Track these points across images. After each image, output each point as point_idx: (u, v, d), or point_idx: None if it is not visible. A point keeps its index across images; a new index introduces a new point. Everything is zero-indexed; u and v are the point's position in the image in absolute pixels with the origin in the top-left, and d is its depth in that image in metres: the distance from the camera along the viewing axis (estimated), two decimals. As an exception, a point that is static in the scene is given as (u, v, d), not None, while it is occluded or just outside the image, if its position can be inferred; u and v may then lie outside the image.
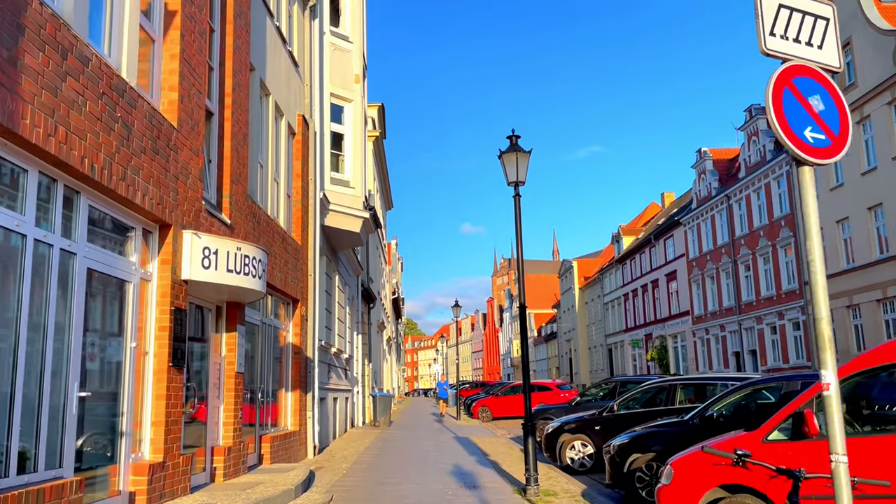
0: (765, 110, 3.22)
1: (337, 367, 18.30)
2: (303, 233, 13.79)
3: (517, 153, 9.76)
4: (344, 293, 20.02)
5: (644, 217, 65.56)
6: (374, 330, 30.01)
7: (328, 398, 16.43)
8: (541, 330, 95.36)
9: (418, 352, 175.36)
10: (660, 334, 47.78)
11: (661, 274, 47.63)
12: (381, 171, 37.19)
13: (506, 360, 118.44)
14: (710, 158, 40.46)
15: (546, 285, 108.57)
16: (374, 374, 30.29)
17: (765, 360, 34.16)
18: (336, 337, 18.10)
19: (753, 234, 35.10)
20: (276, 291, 11.92)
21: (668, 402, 11.43)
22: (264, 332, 11.53)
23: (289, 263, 12.49)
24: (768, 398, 8.76)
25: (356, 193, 16.43)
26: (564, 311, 76.12)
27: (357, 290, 23.71)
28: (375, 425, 23.37)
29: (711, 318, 40.01)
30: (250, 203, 10.27)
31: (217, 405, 9.20)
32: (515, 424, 26.25)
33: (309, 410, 13.65)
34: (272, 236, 11.42)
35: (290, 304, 13.19)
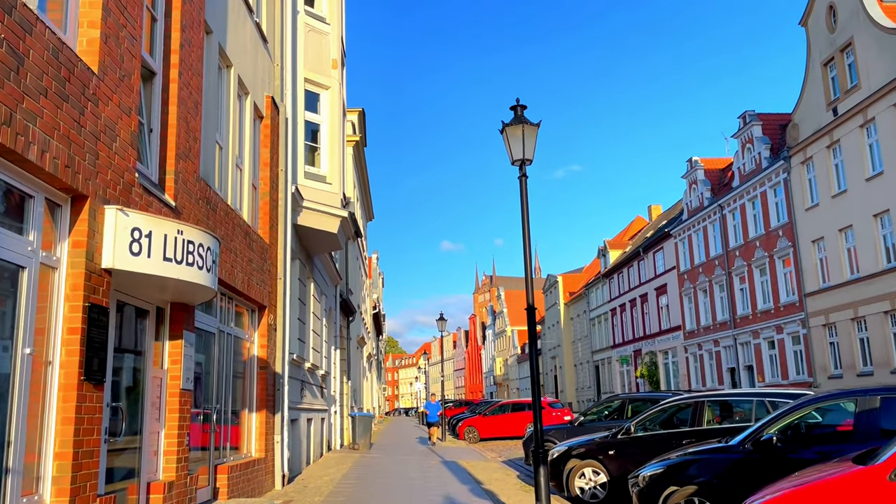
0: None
1: (311, 385, 16.52)
2: (271, 230, 12.08)
3: (523, 126, 8.18)
4: (320, 303, 18.27)
5: (630, 231, 64.37)
6: (353, 345, 28.21)
7: (301, 419, 14.64)
8: (524, 347, 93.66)
9: (399, 370, 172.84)
10: (649, 350, 46.33)
11: (650, 288, 46.27)
12: (361, 180, 35.55)
13: (488, 378, 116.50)
14: (701, 168, 39.27)
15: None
16: (354, 393, 28.44)
17: (762, 376, 32.75)
18: (311, 351, 16.34)
19: (749, 244, 33.82)
20: (238, 294, 10.19)
21: (693, 422, 9.81)
22: (223, 343, 9.79)
23: (253, 263, 10.77)
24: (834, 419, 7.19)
25: (333, 190, 14.76)
26: (549, 327, 74.59)
27: (335, 302, 21.96)
28: (355, 448, 21.53)
29: (704, 332, 38.62)
30: (203, 186, 8.58)
31: (156, 430, 7.44)
32: (506, 446, 24.51)
33: (277, 434, 11.87)
34: (232, 229, 9.72)
35: (254, 310, 11.45)
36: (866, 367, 25.63)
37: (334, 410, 21.38)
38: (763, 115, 33.56)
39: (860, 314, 25.73)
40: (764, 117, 33.48)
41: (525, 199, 8.18)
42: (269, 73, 12.52)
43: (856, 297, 25.95)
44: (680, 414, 10.60)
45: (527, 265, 8.02)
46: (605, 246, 58.22)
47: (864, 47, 25.11)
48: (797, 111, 29.56)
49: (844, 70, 26.42)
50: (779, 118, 33.63)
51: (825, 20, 27.42)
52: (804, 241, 29.22)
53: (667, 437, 9.92)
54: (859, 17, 25.27)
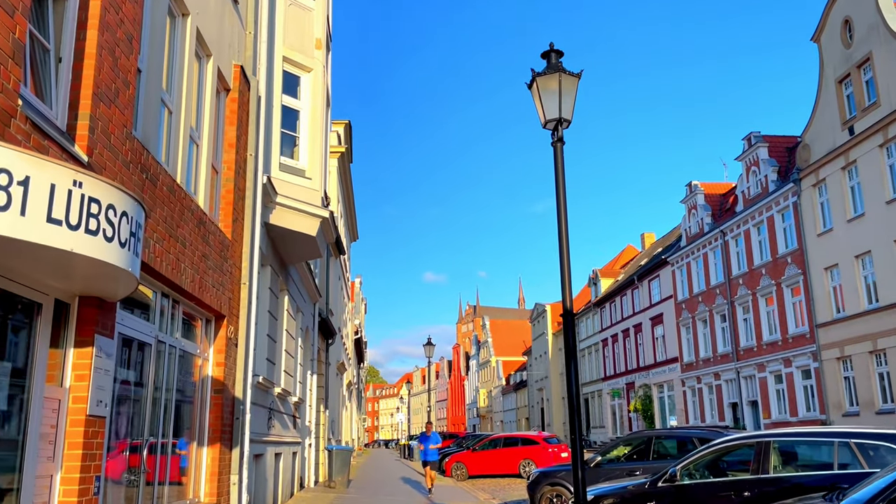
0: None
1: (282, 414, 14.31)
2: (235, 224, 10.01)
3: (560, 76, 6.23)
4: (295, 321, 16.12)
5: (621, 259, 62.72)
6: (332, 371, 25.94)
7: (267, 454, 12.42)
8: (509, 378, 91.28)
9: (380, 400, 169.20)
10: (643, 383, 44.30)
11: (644, 318, 44.40)
12: (346, 196, 33.57)
13: (471, 410, 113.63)
14: (701, 192, 37.70)
15: (514, 332, 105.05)
16: (332, 424, 26.10)
17: (768, 412, 30.78)
18: (282, 374, 14.16)
19: (753, 272, 32.08)
20: (186, 297, 8.09)
21: (757, 468, 7.76)
22: (164, 357, 7.66)
23: (209, 260, 8.69)
24: None
25: (313, 186, 12.74)
26: (536, 357, 72.42)
27: (313, 321, 19.79)
28: (331, 486, 19.19)
29: (704, 365, 36.69)
30: (138, 148, 6.54)
31: (48, 472, 5.29)
32: (498, 485, 22.25)
33: (234, 473, 9.67)
34: (180, 212, 7.65)
35: (210, 321, 9.34)
36: (887, 405, 23.74)
37: (309, 443, 19.09)
38: (769, 136, 32.08)
39: (880, 346, 23.91)
40: (770, 139, 32.00)
41: (561, 172, 6.22)
42: (238, 40, 10.55)
43: (874, 328, 24.16)
44: (730, 456, 8.58)
45: (562, 256, 6.02)
46: (596, 274, 56.47)
47: (884, 62, 23.65)
48: (808, 131, 28.04)
49: (862, 87, 24.95)
50: (785, 140, 32.17)
51: (840, 35, 26.02)
52: (816, 268, 27.50)
53: (722, 487, 7.88)
54: (879, 30, 23.86)
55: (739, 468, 8.46)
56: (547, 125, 6.27)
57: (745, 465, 8.27)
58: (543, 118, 6.27)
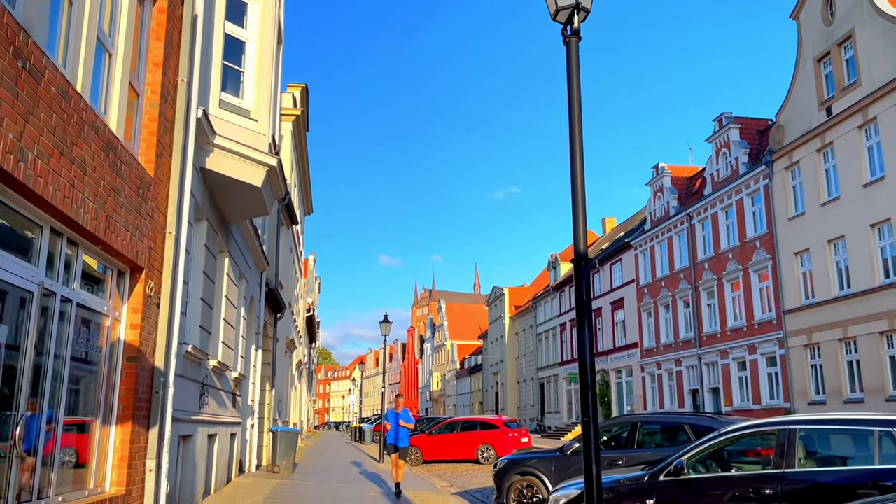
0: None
1: (219, 391, 12.66)
2: (160, 161, 8.31)
3: (576, -49, 4.74)
4: (238, 287, 14.43)
5: (581, 244, 61.89)
6: (281, 348, 24.25)
7: (198, 435, 10.78)
8: (464, 362, 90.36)
9: (331, 382, 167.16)
10: (601, 368, 43.54)
11: (605, 302, 43.58)
12: (301, 164, 31.71)
13: (424, 394, 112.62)
14: (667, 175, 36.81)
15: (470, 316, 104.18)
16: (279, 404, 24.44)
17: (730, 399, 30.13)
18: (219, 346, 12.48)
19: (720, 256, 31.31)
20: (87, 237, 6.42)
21: (780, 461, 6.49)
22: (51, 312, 5.99)
23: (121, 196, 7.01)
24: None
25: (259, 130, 11.05)
26: (492, 341, 71.47)
27: (259, 291, 18.08)
28: (274, 471, 17.60)
29: (664, 350, 35.98)
30: (8, 23, 4.85)
31: None
32: (455, 471, 20.94)
33: (151, 457, 8.04)
34: (77, 126, 5.97)
35: (123, 273, 7.66)
36: (855, 393, 23.12)
37: (251, 424, 17.44)
38: (741, 118, 31.24)
39: (850, 334, 23.25)
40: (741, 121, 31.16)
41: (576, 75, 4.76)
42: (171, -58, 8.80)
43: (845, 315, 23.48)
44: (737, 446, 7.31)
45: (576, 184, 4.57)
46: (556, 258, 55.54)
47: (867, 40, 22.81)
48: (783, 112, 27.19)
49: (842, 66, 24.11)
50: (757, 123, 31.38)
51: (821, 12, 25.12)
52: (785, 253, 26.76)
53: (739, 483, 6.60)
54: (862, 7, 22.98)
55: (752, 461, 7.20)
56: (558, 15, 4.80)
57: (761, 456, 7.02)
58: (555, 5, 4.80)
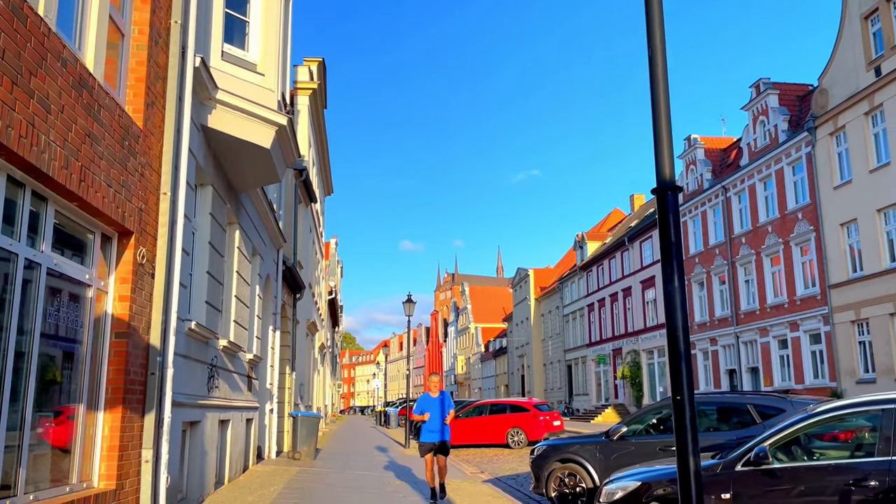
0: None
1: (231, 373, 11.74)
2: (149, 111, 7.30)
3: None
4: (251, 264, 13.50)
5: (608, 222, 60.51)
6: (301, 330, 23.39)
7: (206, 421, 9.86)
8: (488, 345, 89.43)
9: (356, 367, 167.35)
10: (632, 349, 42.31)
11: (634, 281, 42.25)
12: (319, 141, 30.73)
13: (449, 377, 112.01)
14: (701, 146, 35.30)
15: (494, 299, 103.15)
16: (301, 388, 23.63)
17: (770, 379, 28.80)
18: (231, 325, 11.56)
19: (758, 230, 29.86)
20: (57, 191, 5.44)
21: (888, 449, 5.38)
22: (13, 278, 5.03)
23: (99, 145, 6.02)
24: None
25: (267, 85, 10.01)
26: (517, 324, 70.38)
27: (276, 269, 17.15)
28: (295, 458, 16.76)
29: (699, 329, 34.65)
30: None
31: None
32: (485, 456, 19.97)
33: (147, 447, 7.10)
34: (37, 55, 4.97)
35: (109, 238, 6.69)
36: (870, 373, 21.77)
37: (270, 408, 16.59)
38: (779, 84, 29.65)
39: (862, 316, 21.83)
40: (780, 86, 29.57)
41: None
42: None
43: (858, 296, 22.07)
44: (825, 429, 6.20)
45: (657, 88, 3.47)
46: (583, 237, 54.20)
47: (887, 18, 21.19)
48: (826, 75, 25.61)
49: (891, 22, 22.49)
50: (796, 88, 29.78)
51: (869, -35, 23.48)
52: (830, 224, 25.29)
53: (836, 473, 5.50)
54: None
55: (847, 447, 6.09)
56: None
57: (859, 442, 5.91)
58: None
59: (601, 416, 40.85)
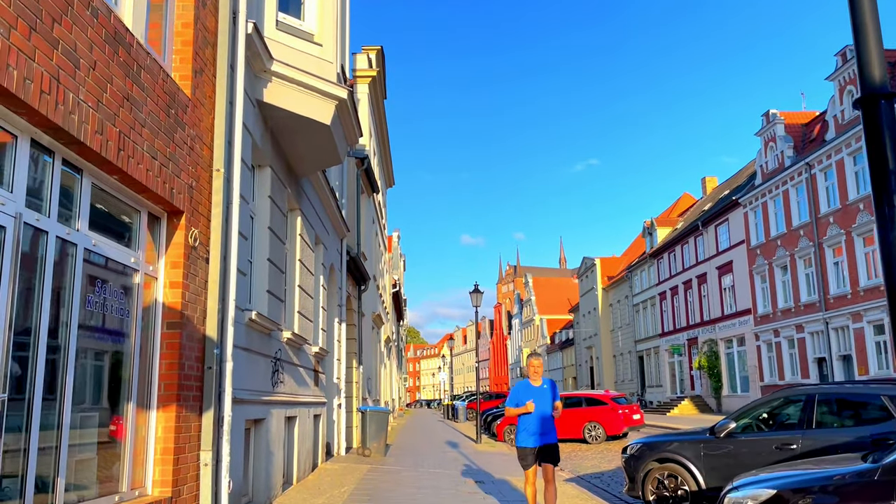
0: None
1: (297, 367, 11.11)
2: (199, 78, 6.63)
3: None
4: (314, 252, 12.87)
5: (678, 207, 58.33)
6: (367, 323, 22.82)
7: (272, 419, 9.22)
8: (554, 337, 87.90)
9: (421, 360, 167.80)
10: (708, 338, 40.45)
11: (710, 267, 40.34)
12: (379, 131, 30.14)
13: (514, 370, 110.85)
14: (780, 122, 33.25)
15: (558, 290, 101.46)
16: (368, 382, 23.08)
17: (865, 367, 26.82)
18: (295, 316, 10.93)
19: (848, 208, 27.82)
20: (92, 160, 4.77)
21: None
22: (43, 258, 4.38)
23: (144, 115, 5.35)
24: None
25: (325, 56, 9.28)
26: (584, 314, 68.74)
27: (340, 259, 16.54)
28: (365, 454, 16.14)
29: (783, 316, 32.70)
30: None
31: None
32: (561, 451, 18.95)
33: (207, 449, 6.45)
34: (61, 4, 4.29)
35: (158, 218, 6.04)
36: None
37: (338, 403, 16.00)
38: (868, 50, 27.49)
39: None
40: (869, 53, 27.40)
41: None
42: None
43: None
44: None
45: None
46: (652, 223, 52.28)
47: None
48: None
49: None
50: (889, 54, 27.54)
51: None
52: (932, 198, 23.22)
53: None
54: None
55: None
56: None
57: None
58: None
59: (677, 408, 39.19)
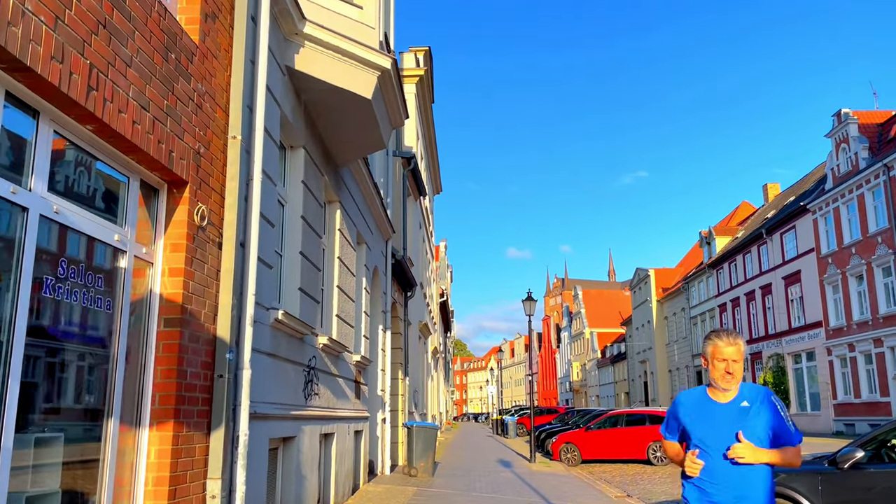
0: None
1: (335, 377, 9.89)
2: (210, 24, 5.48)
3: None
4: (355, 251, 11.69)
5: (737, 216, 55.87)
6: (413, 332, 21.60)
7: (303, 437, 8.00)
8: (605, 350, 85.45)
9: (468, 373, 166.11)
10: (774, 352, 38.10)
11: (775, 277, 38.05)
12: (427, 134, 29.03)
13: (564, 384, 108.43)
14: (853, 122, 31.06)
15: (608, 302, 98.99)
16: (414, 394, 21.82)
17: (956, 385, 24.45)
18: (333, 319, 9.74)
19: (935, 211, 25.57)
20: (62, 103, 3.62)
21: None
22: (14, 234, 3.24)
23: (130, 52, 4.19)
24: None
25: (366, 21, 8.10)
26: (637, 327, 66.41)
27: (385, 262, 15.36)
28: (411, 474, 14.85)
29: (858, 329, 30.37)
30: None
31: None
32: (625, 474, 17.37)
33: (216, 476, 5.23)
34: None
35: (154, 191, 4.89)
36: None
37: (382, 417, 14.77)
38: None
39: None
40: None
41: None
42: None
43: None
44: None
45: None
46: (710, 232, 50.02)
47: None
48: None
49: None
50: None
51: None
52: None
53: None
54: None
55: None
56: None
57: None
58: None
59: (741, 426, 36.89)
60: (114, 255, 4.40)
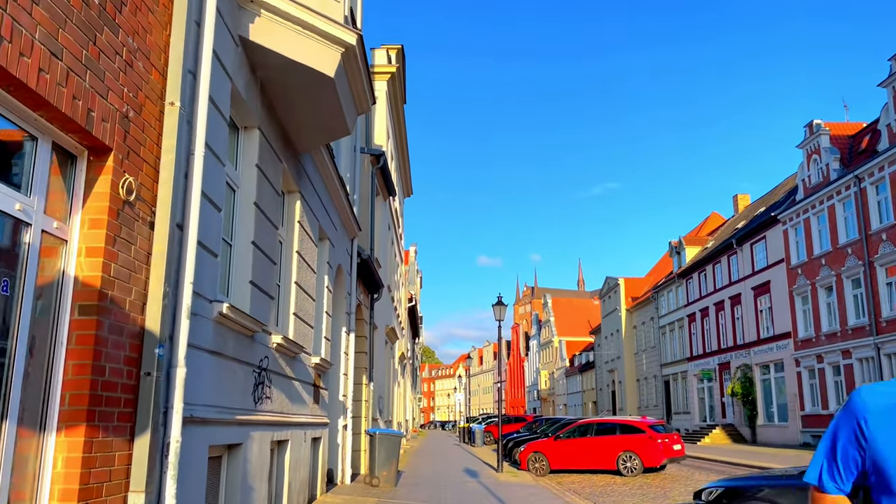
0: None
1: (290, 380, 9.20)
2: (149, -24, 4.82)
3: None
4: (317, 247, 11.02)
5: (707, 227, 56.07)
6: (379, 336, 20.92)
7: (251, 444, 7.30)
8: (574, 359, 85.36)
9: (436, 381, 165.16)
10: (742, 363, 38.07)
11: (745, 287, 38.06)
12: (398, 134, 28.40)
13: (531, 392, 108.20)
14: (825, 133, 31.14)
15: (577, 311, 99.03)
16: (379, 401, 21.12)
17: (923, 398, 24.39)
18: (290, 318, 9.07)
19: (903, 224, 25.62)
20: None
21: None
22: None
23: (62, 6, 3.54)
24: None
25: (330, -7, 7.49)
26: (606, 336, 66.34)
27: (350, 261, 14.70)
28: (373, 484, 14.17)
29: (827, 341, 30.37)
30: None
31: None
32: (594, 484, 16.87)
33: (139, 488, 4.54)
34: None
35: (72, 159, 4.21)
36: None
37: (343, 424, 14.07)
38: (927, 53, 25.43)
39: None
40: (928, 56, 25.35)
41: None
42: None
43: None
44: None
45: None
46: (680, 242, 50.09)
47: None
48: None
49: None
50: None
51: None
52: None
53: None
54: None
55: None
56: None
57: None
58: None
59: (709, 437, 36.81)
60: (14, 228, 3.72)
